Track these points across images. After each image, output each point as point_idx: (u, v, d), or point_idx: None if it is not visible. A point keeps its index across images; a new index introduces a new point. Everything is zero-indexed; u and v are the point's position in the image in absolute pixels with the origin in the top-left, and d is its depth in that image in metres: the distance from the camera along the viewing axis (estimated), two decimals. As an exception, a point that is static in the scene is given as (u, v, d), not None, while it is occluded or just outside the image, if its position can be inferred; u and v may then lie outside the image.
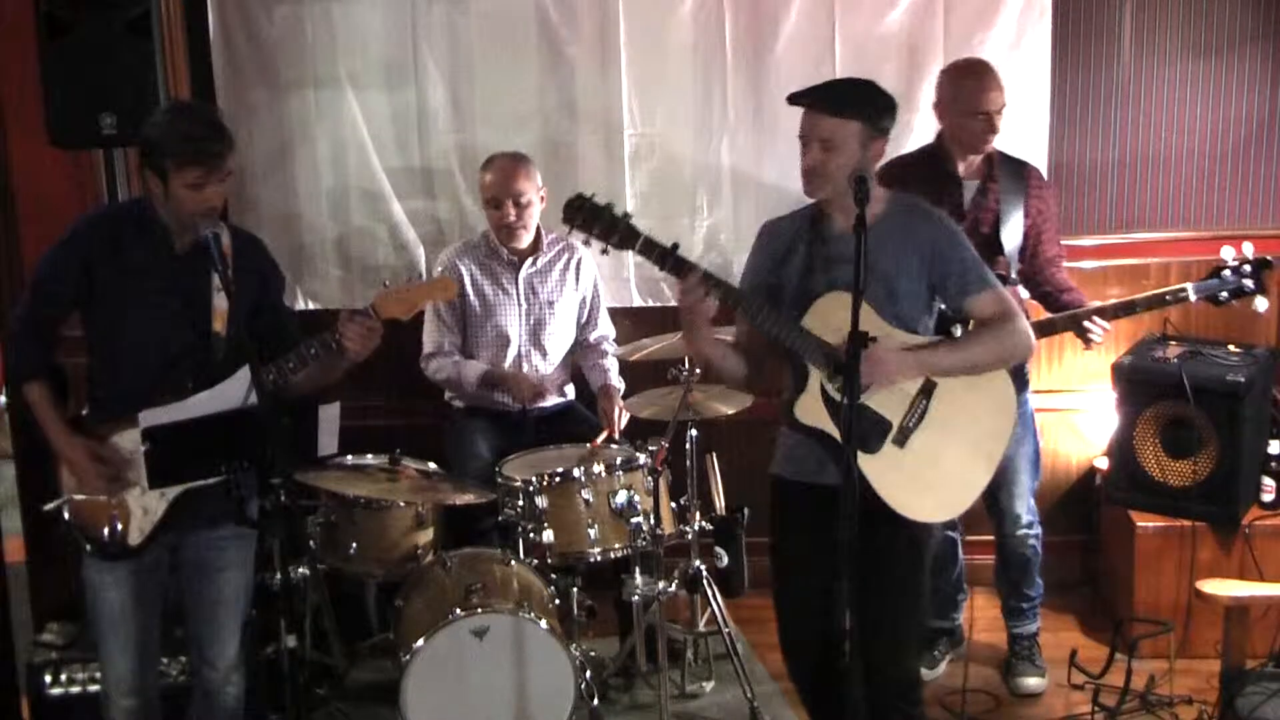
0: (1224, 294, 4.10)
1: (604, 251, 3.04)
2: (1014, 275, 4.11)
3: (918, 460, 3.13)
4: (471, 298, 4.49)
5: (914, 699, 3.29)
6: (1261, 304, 4.12)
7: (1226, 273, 4.08)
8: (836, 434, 3.07)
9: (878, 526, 2.98)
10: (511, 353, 4.53)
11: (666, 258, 3.04)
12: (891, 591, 3.13)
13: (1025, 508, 4.25)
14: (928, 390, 3.14)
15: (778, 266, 3.21)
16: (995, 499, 4.23)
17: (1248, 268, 4.08)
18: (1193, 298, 4.10)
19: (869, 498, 3.01)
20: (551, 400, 4.59)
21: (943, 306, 3.22)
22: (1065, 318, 4.10)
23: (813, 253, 3.15)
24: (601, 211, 3.02)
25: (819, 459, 3.15)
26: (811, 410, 3.12)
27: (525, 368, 4.54)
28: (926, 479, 3.14)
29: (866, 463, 3.05)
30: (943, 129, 4.14)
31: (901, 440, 3.13)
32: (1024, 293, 4.18)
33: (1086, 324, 4.05)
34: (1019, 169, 4.16)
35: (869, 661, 2.88)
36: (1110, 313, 4.09)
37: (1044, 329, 4.07)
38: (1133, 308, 4.11)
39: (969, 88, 4.04)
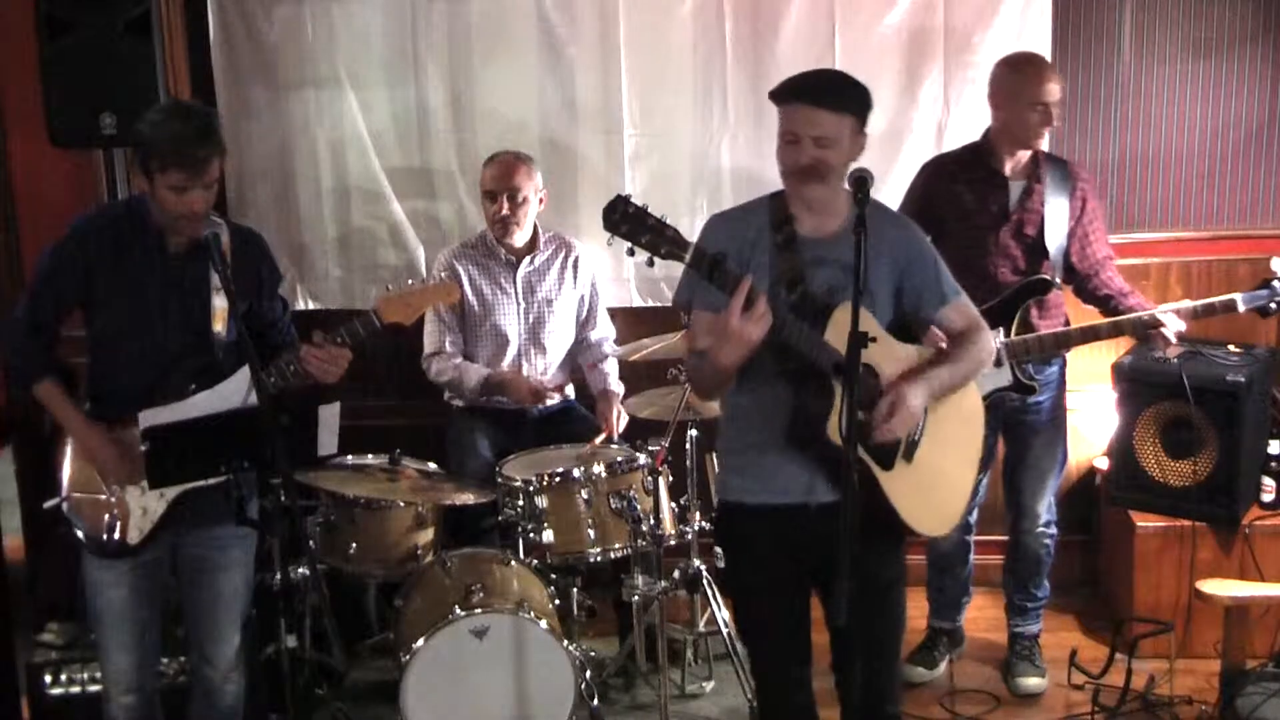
0: (1273, 305, 4.02)
1: (649, 263, 2.78)
2: (1058, 279, 4.03)
3: (924, 473, 3.02)
4: (470, 297, 4.49)
5: None
6: None
7: (1276, 284, 4.00)
8: (862, 449, 2.86)
9: (876, 553, 2.82)
10: (511, 352, 4.54)
11: (716, 270, 2.77)
12: (888, 626, 3.04)
13: (1045, 506, 4.24)
14: None
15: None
16: (1017, 495, 4.22)
17: None
18: (1241, 308, 4.01)
19: (881, 516, 2.90)
20: (552, 400, 4.59)
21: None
22: (1132, 321, 3.96)
23: (784, 259, 2.91)
24: (644, 218, 2.76)
25: (809, 477, 2.94)
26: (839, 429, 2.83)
27: (525, 367, 4.54)
28: (932, 491, 3.05)
29: (884, 480, 2.94)
30: (993, 124, 4.05)
31: (909, 454, 3.00)
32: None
33: (1158, 329, 3.92)
34: (1064, 168, 4.08)
35: (864, 704, 2.84)
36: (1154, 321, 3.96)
37: (1111, 331, 4.03)
38: None
39: (1028, 78, 3.93)
